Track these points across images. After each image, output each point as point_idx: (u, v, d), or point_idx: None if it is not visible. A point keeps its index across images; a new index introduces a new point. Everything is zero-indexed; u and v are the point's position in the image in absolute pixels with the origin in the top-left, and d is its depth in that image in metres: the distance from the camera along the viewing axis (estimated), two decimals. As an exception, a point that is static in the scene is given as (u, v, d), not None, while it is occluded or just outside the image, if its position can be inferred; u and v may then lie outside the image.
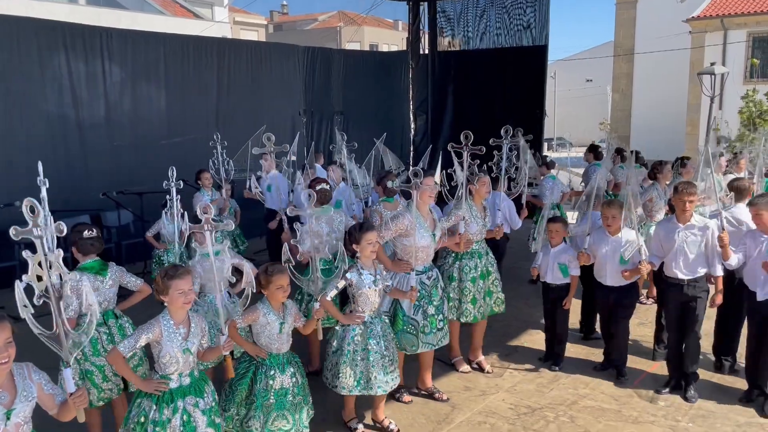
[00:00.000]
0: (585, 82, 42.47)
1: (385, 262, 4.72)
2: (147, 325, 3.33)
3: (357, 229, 4.29)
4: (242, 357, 3.98)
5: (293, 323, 3.93)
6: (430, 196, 4.94)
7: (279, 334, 3.83)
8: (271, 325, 3.81)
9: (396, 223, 4.73)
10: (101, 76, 9.08)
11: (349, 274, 4.26)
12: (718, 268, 4.95)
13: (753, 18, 22.86)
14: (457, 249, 5.32)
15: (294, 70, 11.70)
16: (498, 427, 4.73)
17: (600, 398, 5.16)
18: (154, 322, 3.33)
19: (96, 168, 8.89)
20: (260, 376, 3.81)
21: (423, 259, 4.85)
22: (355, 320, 4.30)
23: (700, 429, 4.66)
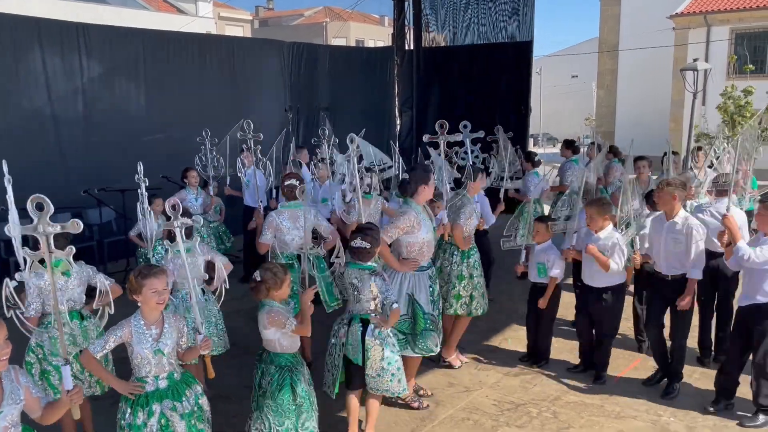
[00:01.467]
0: (570, 78, 42.72)
1: (392, 263, 4.64)
2: (117, 325, 3.27)
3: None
4: (269, 367, 3.77)
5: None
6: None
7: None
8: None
9: (402, 220, 4.64)
10: (78, 71, 8.94)
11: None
12: (693, 271, 4.89)
13: (735, 14, 23.06)
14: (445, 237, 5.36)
15: (279, 66, 11.61)
16: (481, 423, 4.73)
17: (583, 394, 5.17)
18: (124, 323, 3.26)
19: (75, 165, 8.77)
20: (296, 379, 3.75)
21: (429, 255, 4.83)
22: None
23: (682, 423, 4.69)
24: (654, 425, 4.66)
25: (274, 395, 3.68)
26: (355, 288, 4.17)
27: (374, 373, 4.15)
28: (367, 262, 4.19)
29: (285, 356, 3.79)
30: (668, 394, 5.07)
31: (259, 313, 3.79)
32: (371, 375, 4.16)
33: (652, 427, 4.64)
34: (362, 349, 4.13)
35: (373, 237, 4.19)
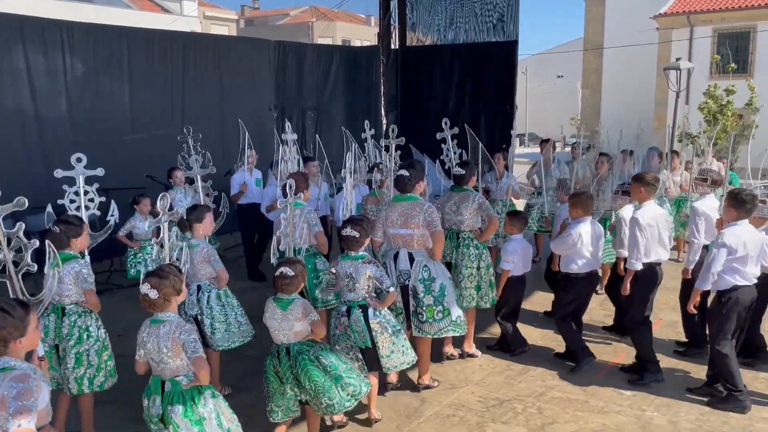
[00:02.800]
0: (556, 78, 42.99)
1: (438, 256, 4.93)
2: (190, 328, 3.37)
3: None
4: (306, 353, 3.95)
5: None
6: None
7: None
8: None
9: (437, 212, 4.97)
10: (62, 70, 8.84)
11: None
12: (630, 261, 5.17)
13: (718, 15, 23.32)
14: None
15: (264, 64, 11.56)
16: (467, 419, 4.75)
17: (568, 389, 5.21)
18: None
19: (58, 164, 8.65)
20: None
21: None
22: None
23: (665, 418, 4.74)
24: (638, 420, 4.71)
25: (340, 359, 3.99)
26: (350, 278, 4.35)
27: (387, 351, 4.37)
28: (358, 252, 4.40)
29: (310, 340, 4.00)
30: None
31: (286, 308, 3.90)
32: (385, 355, 4.37)
33: (636, 421, 4.69)
34: (369, 334, 4.33)
35: (363, 227, 4.40)
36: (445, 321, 4.97)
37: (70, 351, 4.15)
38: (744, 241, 4.72)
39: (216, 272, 4.82)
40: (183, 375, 3.35)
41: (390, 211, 4.99)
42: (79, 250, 4.30)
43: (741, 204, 4.74)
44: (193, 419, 3.30)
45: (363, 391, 4.03)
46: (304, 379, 3.87)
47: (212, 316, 4.80)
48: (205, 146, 8.04)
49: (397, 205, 4.98)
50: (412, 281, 4.91)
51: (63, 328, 4.16)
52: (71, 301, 4.19)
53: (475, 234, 5.57)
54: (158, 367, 3.36)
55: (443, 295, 4.95)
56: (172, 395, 3.32)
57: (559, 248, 5.61)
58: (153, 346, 3.32)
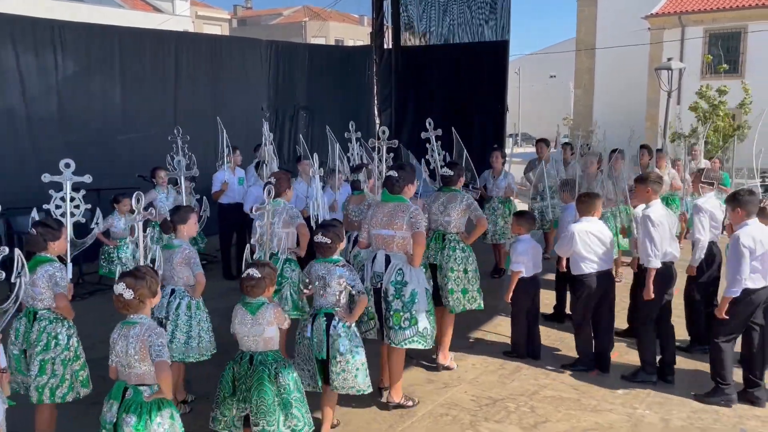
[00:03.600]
0: (549, 78, 43.11)
1: (417, 261, 4.73)
2: (161, 332, 3.29)
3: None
4: (270, 366, 3.81)
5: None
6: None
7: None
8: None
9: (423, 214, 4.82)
10: (53, 70, 8.81)
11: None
12: (648, 260, 5.07)
13: (709, 15, 23.44)
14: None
15: (256, 64, 11.54)
16: (460, 418, 4.75)
17: (560, 388, 5.22)
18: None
19: (48, 163, 8.59)
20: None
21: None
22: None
23: (657, 415, 4.75)
24: (629, 418, 4.72)
25: (297, 387, 3.80)
26: (322, 280, 4.21)
27: (339, 368, 4.14)
28: (332, 256, 4.26)
29: (277, 352, 3.87)
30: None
31: (255, 313, 3.78)
32: (336, 371, 4.14)
33: (627, 419, 4.70)
34: (327, 345, 4.15)
35: (335, 233, 4.25)
36: (410, 330, 4.65)
37: (35, 358, 3.97)
38: (760, 239, 4.67)
39: (194, 275, 4.66)
40: (148, 385, 3.21)
41: (376, 210, 4.89)
42: (56, 253, 4.17)
43: (744, 202, 4.72)
44: None
45: (304, 430, 3.78)
46: (254, 391, 3.70)
47: (176, 324, 4.59)
48: (197, 146, 8.04)
49: (383, 205, 4.86)
50: (384, 283, 4.69)
51: (32, 333, 4.01)
52: (44, 306, 4.04)
53: (461, 236, 5.46)
54: (125, 372, 3.23)
55: (413, 302, 4.66)
56: (131, 404, 3.18)
57: (561, 249, 5.55)
58: (122, 348, 3.20)
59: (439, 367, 5.55)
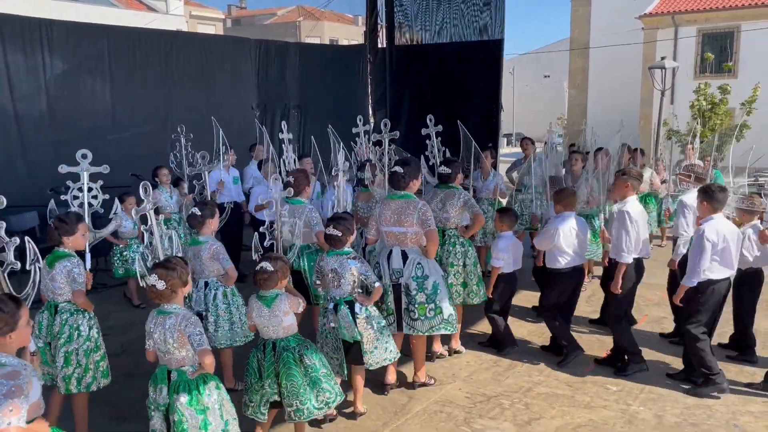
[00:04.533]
0: (543, 78, 43.19)
1: (432, 254, 4.89)
2: (196, 321, 3.42)
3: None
4: (291, 349, 3.96)
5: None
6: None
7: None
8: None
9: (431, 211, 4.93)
10: (41, 69, 8.75)
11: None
12: (620, 254, 5.15)
13: (702, 15, 23.49)
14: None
15: (247, 63, 11.50)
16: (454, 415, 4.74)
17: (554, 385, 5.22)
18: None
19: (38, 163, 8.56)
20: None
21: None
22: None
23: (651, 412, 4.75)
24: (623, 414, 4.72)
25: (323, 363, 3.97)
26: (335, 273, 4.36)
27: (371, 347, 4.42)
28: (343, 249, 4.41)
29: (297, 335, 4.00)
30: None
31: (271, 305, 3.88)
32: (368, 350, 4.42)
33: (621, 416, 4.70)
34: (356, 328, 4.36)
35: (346, 226, 4.41)
36: (437, 319, 4.92)
37: (60, 349, 4.13)
38: (723, 234, 4.83)
39: (224, 269, 4.83)
40: (189, 365, 3.40)
41: (384, 208, 4.96)
42: (73, 248, 4.25)
43: (712, 197, 4.86)
44: (198, 408, 3.36)
45: (336, 400, 4.01)
46: (283, 376, 3.85)
47: (217, 314, 4.81)
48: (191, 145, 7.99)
49: (391, 202, 4.94)
50: (404, 278, 4.87)
51: (54, 326, 4.16)
52: (64, 299, 4.18)
53: (460, 231, 5.56)
54: (165, 357, 3.42)
55: (436, 293, 4.90)
56: (179, 384, 3.37)
57: (541, 243, 5.63)
58: (159, 336, 3.38)
59: (451, 351, 5.79)
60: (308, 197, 5.51)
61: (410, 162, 5.03)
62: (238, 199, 8.59)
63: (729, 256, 4.86)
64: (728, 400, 4.89)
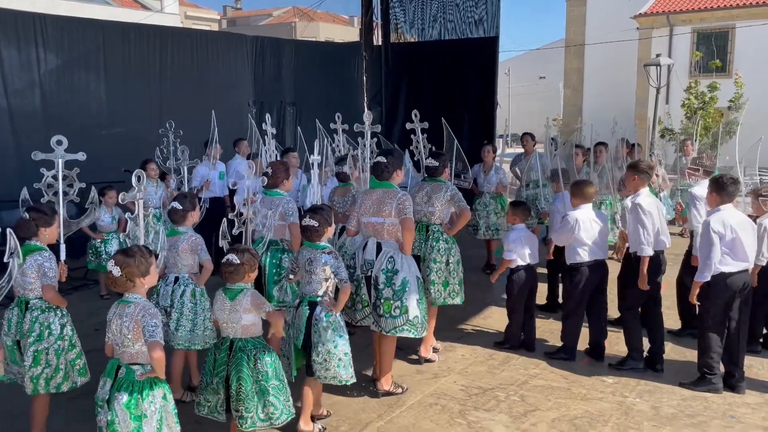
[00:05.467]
0: (538, 79, 43.26)
1: (407, 249, 4.71)
2: (154, 313, 3.24)
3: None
4: (248, 352, 3.72)
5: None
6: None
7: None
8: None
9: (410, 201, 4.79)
10: (35, 63, 8.68)
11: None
12: (641, 248, 5.04)
13: (697, 14, 23.55)
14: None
15: (242, 60, 11.45)
16: (449, 407, 4.70)
17: (550, 377, 5.19)
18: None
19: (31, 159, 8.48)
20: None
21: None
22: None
23: (647, 404, 4.72)
24: (620, 406, 4.69)
25: (276, 374, 3.70)
26: (308, 267, 4.15)
27: (320, 358, 4.09)
28: (319, 242, 4.19)
29: (259, 338, 3.78)
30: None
31: (234, 299, 3.69)
32: (318, 361, 4.10)
33: (618, 407, 4.67)
34: (305, 333, 4.11)
35: (323, 217, 4.18)
36: (401, 318, 4.64)
37: (29, 348, 3.91)
38: (731, 224, 4.71)
39: (201, 261, 4.64)
40: (140, 364, 3.19)
41: (365, 198, 4.86)
42: (48, 241, 4.08)
43: (723, 188, 4.76)
44: (134, 413, 3.13)
45: (281, 418, 3.71)
46: (233, 378, 3.64)
47: (181, 312, 4.55)
48: (183, 141, 7.93)
49: (372, 192, 4.83)
50: (375, 271, 4.66)
51: (24, 323, 3.95)
52: (35, 296, 3.98)
53: (445, 228, 5.38)
54: (119, 350, 3.23)
55: (404, 290, 4.64)
56: (123, 382, 3.18)
57: (560, 238, 5.49)
58: (116, 326, 3.20)
59: (421, 359, 5.47)
60: (287, 190, 5.27)
61: (393, 152, 4.93)
62: (221, 194, 8.51)
63: (741, 247, 4.71)
64: (725, 392, 4.85)
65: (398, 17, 13.64)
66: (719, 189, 4.77)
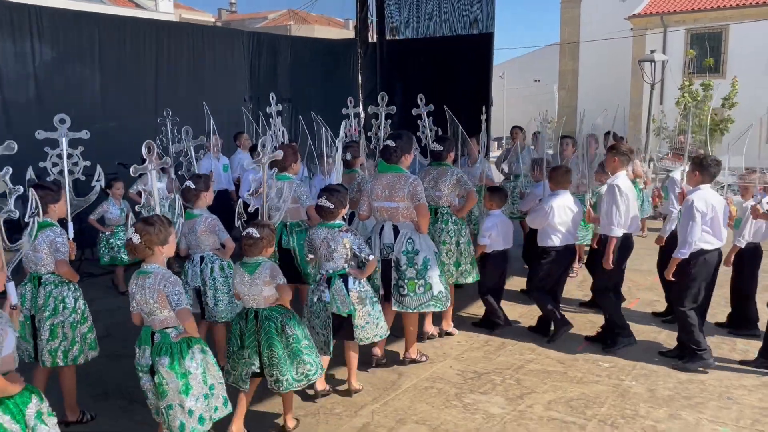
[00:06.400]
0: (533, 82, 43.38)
1: (424, 228, 4.85)
2: (177, 281, 3.33)
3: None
4: (274, 319, 3.87)
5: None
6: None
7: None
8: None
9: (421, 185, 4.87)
10: (30, 55, 8.63)
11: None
12: (610, 229, 5.11)
13: (691, 15, 23.67)
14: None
15: (239, 55, 11.43)
16: (445, 391, 4.68)
17: (546, 362, 5.17)
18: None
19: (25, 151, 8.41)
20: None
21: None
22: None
23: (643, 386, 4.71)
24: (616, 388, 4.68)
25: (305, 335, 3.88)
26: (327, 246, 4.28)
27: (363, 322, 4.37)
28: (334, 221, 4.32)
29: (281, 306, 3.89)
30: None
31: (254, 273, 3.77)
32: (360, 325, 4.37)
33: (614, 390, 4.65)
34: (351, 302, 4.30)
35: (339, 199, 4.33)
36: (426, 295, 4.86)
37: (45, 322, 4.03)
38: (712, 203, 4.80)
39: (222, 242, 4.77)
40: (173, 327, 3.32)
41: (375, 183, 4.89)
42: (56, 216, 4.14)
43: (705, 168, 4.83)
44: (179, 372, 3.28)
45: (317, 373, 3.93)
46: (264, 346, 3.78)
47: (215, 288, 4.72)
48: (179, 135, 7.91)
49: (381, 176, 4.87)
50: (395, 253, 4.80)
51: (39, 298, 4.04)
52: (47, 271, 4.06)
53: (453, 209, 5.49)
54: (148, 318, 3.35)
55: (426, 268, 4.83)
56: (161, 347, 3.31)
57: (534, 221, 5.59)
58: (141, 297, 3.31)
59: (442, 333, 5.68)
60: (296, 173, 5.41)
61: (402, 135, 4.93)
62: (228, 187, 8.51)
63: (718, 226, 4.83)
64: (721, 375, 4.86)
65: (393, 15, 13.65)
66: (701, 168, 4.85)
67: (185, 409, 3.29)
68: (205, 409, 3.37)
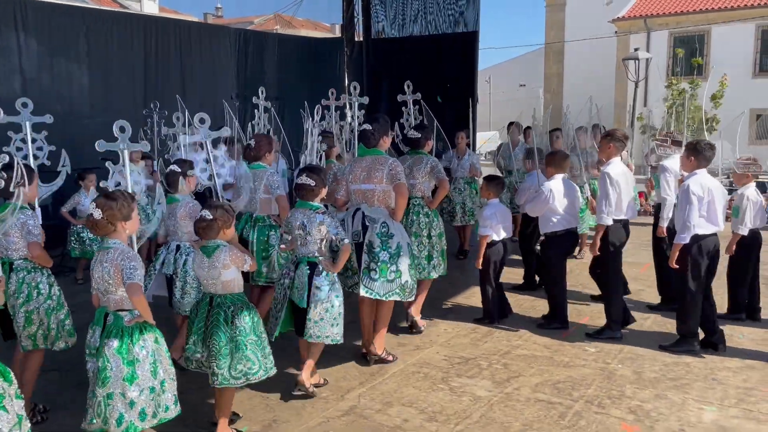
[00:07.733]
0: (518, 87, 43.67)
1: (399, 214, 4.74)
2: (134, 256, 3.22)
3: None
4: (227, 308, 3.65)
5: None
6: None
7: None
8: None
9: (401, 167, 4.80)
10: (16, 50, 8.55)
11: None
12: (600, 216, 5.12)
13: (674, 18, 23.94)
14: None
15: (226, 52, 11.40)
16: (432, 375, 4.66)
17: (533, 348, 5.18)
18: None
19: (11, 146, 8.34)
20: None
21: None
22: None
23: (629, 369, 4.72)
24: (602, 371, 4.69)
25: (254, 330, 3.63)
26: (303, 228, 4.14)
27: (317, 317, 4.10)
28: (313, 201, 4.18)
29: (239, 294, 3.71)
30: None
31: (211, 256, 3.61)
32: (314, 319, 4.10)
33: (601, 372, 4.66)
34: (308, 293, 4.08)
35: (319, 177, 4.21)
36: (395, 282, 4.65)
37: (19, 309, 3.90)
38: (708, 187, 4.78)
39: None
40: (128, 310, 3.18)
41: (354, 166, 4.85)
42: (28, 200, 4.03)
43: (700, 152, 4.82)
44: (126, 358, 3.11)
45: (258, 373, 3.63)
46: (208, 334, 3.60)
47: (185, 280, 4.57)
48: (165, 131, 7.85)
49: (361, 160, 4.83)
50: (368, 236, 4.61)
51: (11, 284, 3.91)
52: (19, 256, 3.94)
53: (426, 201, 5.39)
54: (104, 298, 3.22)
55: (398, 254, 4.66)
56: (112, 329, 3.15)
57: (534, 208, 5.54)
58: (99, 274, 3.18)
59: (409, 318, 5.50)
60: (270, 163, 5.24)
61: (379, 119, 4.87)
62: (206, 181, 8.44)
63: (714, 211, 4.79)
64: (706, 358, 4.88)
65: (379, 14, 13.68)
66: (696, 153, 4.84)
67: (127, 399, 3.08)
68: (149, 403, 3.15)
